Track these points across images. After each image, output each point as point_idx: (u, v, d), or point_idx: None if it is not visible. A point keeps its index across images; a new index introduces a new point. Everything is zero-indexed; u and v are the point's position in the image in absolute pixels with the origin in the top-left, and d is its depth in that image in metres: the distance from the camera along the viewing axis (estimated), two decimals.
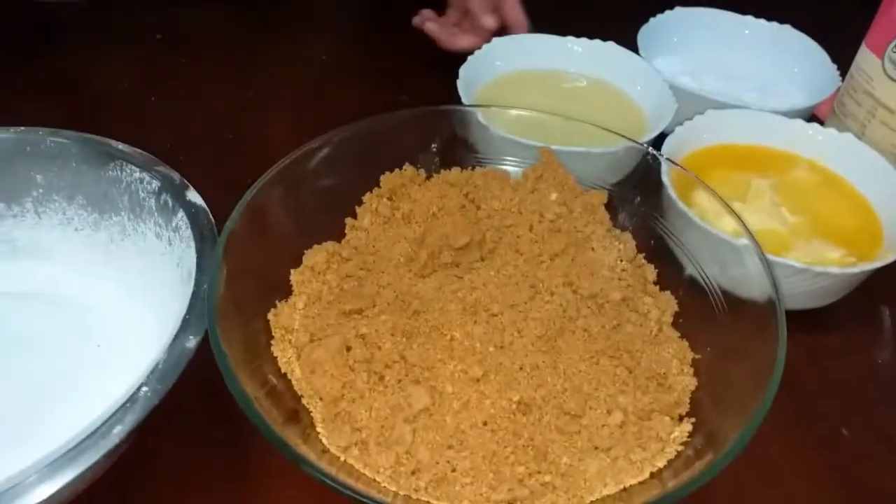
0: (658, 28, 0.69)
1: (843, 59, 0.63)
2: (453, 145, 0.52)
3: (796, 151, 0.58)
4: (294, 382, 0.40)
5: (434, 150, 0.51)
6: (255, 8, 0.79)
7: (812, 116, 0.64)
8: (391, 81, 0.70)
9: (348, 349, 0.40)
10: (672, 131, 0.56)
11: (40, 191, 0.48)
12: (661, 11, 0.70)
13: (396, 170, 0.50)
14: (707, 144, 0.58)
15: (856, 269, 0.47)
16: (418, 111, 0.50)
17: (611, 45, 0.66)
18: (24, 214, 0.49)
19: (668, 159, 0.48)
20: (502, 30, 0.69)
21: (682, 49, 0.70)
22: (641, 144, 0.48)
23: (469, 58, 0.62)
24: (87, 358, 0.44)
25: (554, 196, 0.49)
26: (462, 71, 0.59)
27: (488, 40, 0.65)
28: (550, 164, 0.51)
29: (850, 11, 0.62)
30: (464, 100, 0.57)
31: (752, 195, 0.54)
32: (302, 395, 0.39)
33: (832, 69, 0.64)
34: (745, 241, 0.42)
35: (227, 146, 0.62)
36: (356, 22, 0.83)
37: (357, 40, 0.79)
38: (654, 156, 0.48)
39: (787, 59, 0.69)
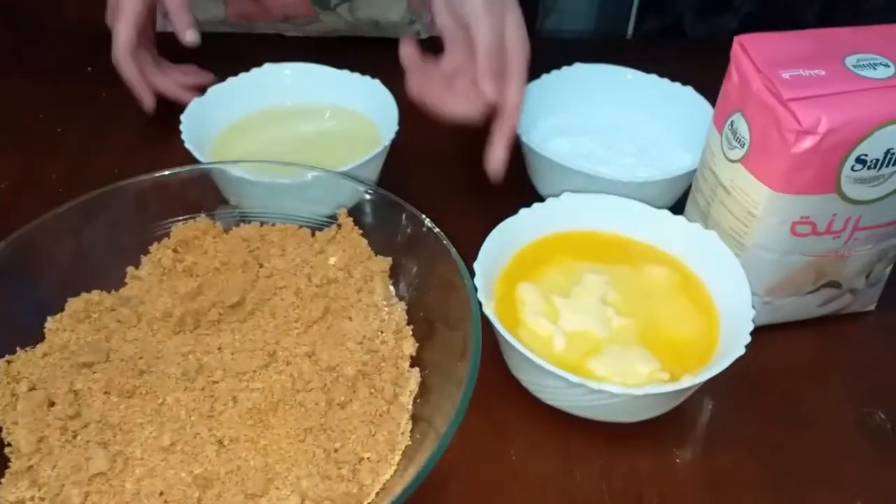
0: (552, 84, 0.67)
1: None
2: None
3: (662, 246, 0.54)
4: (3, 432, 0.41)
5: (234, 203, 0.52)
6: None
7: None
8: None
9: (52, 404, 0.40)
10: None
11: None
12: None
13: (190, 220, 0.50)
14: (563, 229, 0.55)
15: (637, 392, 0.43)
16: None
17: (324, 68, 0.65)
18: None
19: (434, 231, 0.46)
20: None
21: (573, 107, 0.68)
22: (423, 217, 0.47)
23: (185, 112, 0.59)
24: None
25: (333, 260, 0.48)
26: (184, 127, 0.57)
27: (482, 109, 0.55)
28: (345, 226, 0.50)
29: None
30: (197, 155, 0.55)
31: (579, 290, 0.51)
32: (9, 444, 0.40)
33: None
34: None
35: None
36: None
37: None
38: (429, 229, 0.47)
39: (682, 120, 0.65)
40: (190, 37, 0.62)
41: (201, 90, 0.62)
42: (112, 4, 0.64)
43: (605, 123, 0.67)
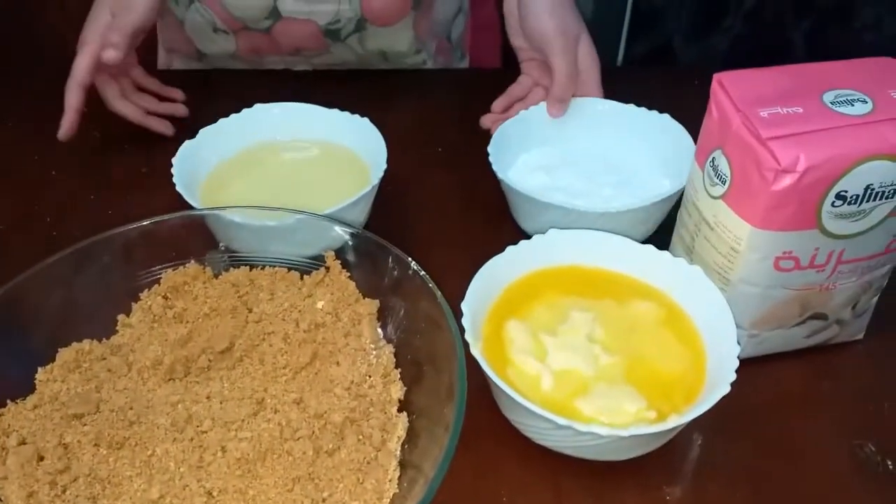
0: (530, 119, 0.67)
1: None
2: None
3: (648, 281, 0.54)
4: None
5: (223, 248, 0.52)
6: None
7: None
8: None
9: (42, 458, 0.41)
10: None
11: None
12: None
13: (181, 267, 0.51)
14: (549, 265, 0.55)
15: (624, 433, 0.42)
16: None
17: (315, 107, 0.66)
18: None
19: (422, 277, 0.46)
20: None
21: (552, 141, 0.68)
22: (409, 260, 0.47)
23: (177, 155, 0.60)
24: None
25: (321, 304, 0.48)
26: (175, 170, 0.58)
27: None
28: (333, 269, 0.50)
29: None
30: (189, 199, 0.55)
31: (566, 328, 0.51)
32: (0, 500, 0.40)
33: None
34: None
35: None
36: None
37: None
38: (415, 272, 0.47)
39: (661, 147, 0.66)
40: (106, 55, 0.65)
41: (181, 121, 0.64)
42: (81, 37, 0.68)
43: (585, 155, 0.67)
